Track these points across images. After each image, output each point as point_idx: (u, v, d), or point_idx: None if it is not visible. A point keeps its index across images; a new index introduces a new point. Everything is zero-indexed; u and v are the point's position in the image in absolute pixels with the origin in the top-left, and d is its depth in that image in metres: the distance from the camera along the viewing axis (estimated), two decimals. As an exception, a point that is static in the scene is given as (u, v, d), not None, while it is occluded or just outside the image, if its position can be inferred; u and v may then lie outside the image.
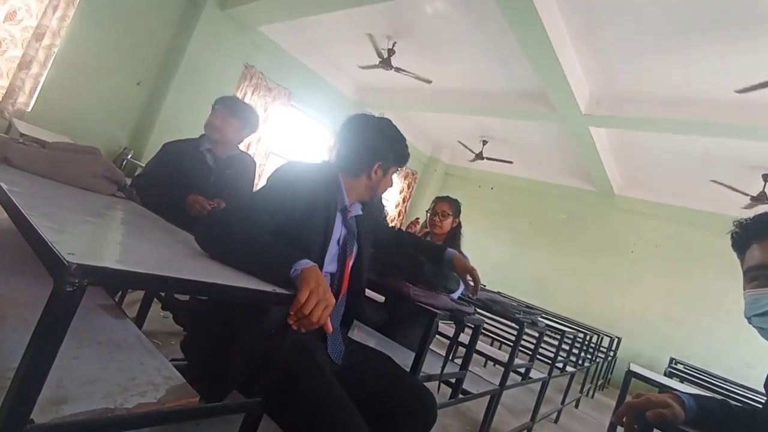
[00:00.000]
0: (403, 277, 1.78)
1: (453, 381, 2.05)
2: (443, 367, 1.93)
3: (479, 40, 4.71)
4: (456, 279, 1.94)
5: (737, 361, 6.06)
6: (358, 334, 1.65)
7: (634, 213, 7.60)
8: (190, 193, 2.15)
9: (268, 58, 5.98)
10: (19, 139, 1.82)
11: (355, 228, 1.51)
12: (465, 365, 2.06)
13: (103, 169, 1.62)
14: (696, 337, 6.55)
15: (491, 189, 9.13)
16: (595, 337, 5.18)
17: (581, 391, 4.81)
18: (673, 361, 4.99)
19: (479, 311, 2.42)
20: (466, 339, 2.27)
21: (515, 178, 8.72)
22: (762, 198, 5.27)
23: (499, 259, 8.27)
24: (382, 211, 3.49)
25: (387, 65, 5.30)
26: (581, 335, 4.40)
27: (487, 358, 2.97)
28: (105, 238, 1.05)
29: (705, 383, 3.19)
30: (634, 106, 4.87)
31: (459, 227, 2.81)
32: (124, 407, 0.80)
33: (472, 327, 2.06)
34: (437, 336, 2.70)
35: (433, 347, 2.20)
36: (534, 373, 2.93)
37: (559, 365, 3.51)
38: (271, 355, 1.05)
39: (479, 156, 7.59)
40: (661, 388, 2.07)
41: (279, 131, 6.46)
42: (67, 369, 0.83)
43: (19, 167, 1.43)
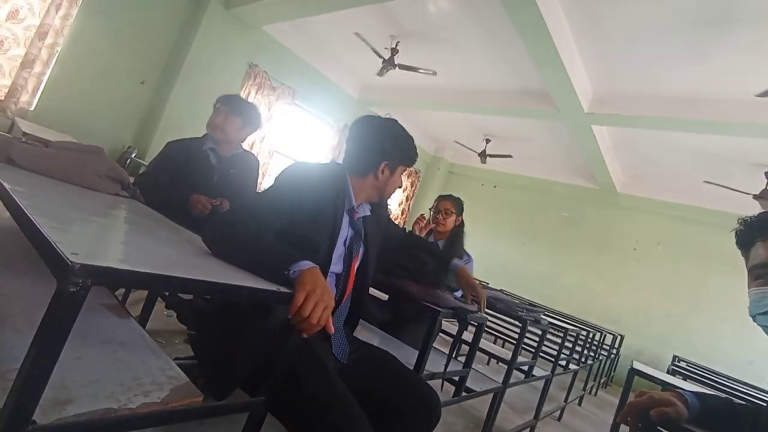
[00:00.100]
0: (406, 276, 1.77)
1: (457, 379, 2.05)
2: (446, 365, 1.92)
3: (483, 39, 4.70)
4: None
5: (740, 358, 6.05)
6: (362, 333, 1.64)
7: (636, 211, 7.58)
8: (194, 192, 2.15)
9: (272, 57, 5.98)
10: (22, 138, 1.82)
11: (362, 229, 1.51)
12: (468, 363, 2.06)
13: (106, 169, 1.62)
14: (699, 335, 6.53)
15: (494, 187, 9.12)
16: (598, 335, 5.17)
17: (584, 388, 4.80)
18: (676, 358, 4.98)
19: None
20: (469, 337, 2.26)
21: (518, 176, 8.71)
22: (765, 195, 5.24)
23: (501, 257, 8.27)
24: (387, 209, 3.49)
25: (390, 64, 5.29)
26: (584, 333, 4.39)
27: (490, 356, 2.96)
28: (108, 238, 1.05)
29: (708, 381, 3.17)
30: (636, 105, 4.85)
31: (462, 225, 2.83)
32: (128, 407, 0.80)
33: (476, 325, 2.06)
34: (441, 334, 2.69)
35: (436, 345, 2.19)
36: (537, 371, 2.94)
37: (562, 363, 3.51)
38: (276, 354, 1.05)
39: (483, 154, 7.58)
40: (664, 385, 2.06)
41: (283, 130, 6.47)
42: (70, 369, 0.83)
43: (22, 166, 1.43)
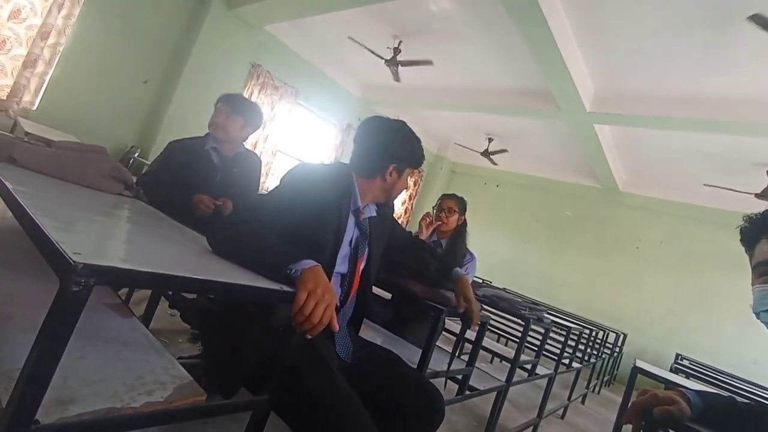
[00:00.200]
0: (409, 276, 1.77)
1: (460, 377, 2.05)
2: (449, 364, 1.92)
3: (485, 38, 4.69)
4: None
5: (743, 357, 6.03)
6: (366, 332, 1.64)
7: (639, 209, 7.56)
8: (196, 191, 2.15)
9: (275, 57, 5.98)
10: (25, 138, 1.82)
11: (368, 230, 1.51)
12: (471, 362, 2.06)
13: (109, 168, 1.62)
14: (702, 333, 6.52)
15: (497, 186, 9.11)
16: (601, 333, 5.16)
17: (587, 387, 4.79)
18: (679, 357, 4.96)
19: (485, 308, 2.42)
20: (472, 336, 2.26)
21: (521, 175, 8.69)
22: (767, 194, 5.22)
23: (504, 256, 8.26)
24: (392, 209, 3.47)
25: (393, 64, 5.29)
26: (587, 331, 4.38)
27: (493, 354, 2.96)
28: (111, 237, 1.05)
29: (711, 379, 3.17)
30: (638, 104, 4.84)
31: (464, 225, 2.82)
32: (131, 406, 0.80)
33: (479, 324, 2.06)
34: (444, 333, 2.69)
35: (439, 344, 2.19)
36: (540, 370, 2.93)
37: (565, 361, 3.50)
38: (279, 353, 1.05)
39: (486, 153, 7.57)
40: (667, 384, 2.06)
41: (286, 130, 6.47)
42: (73, 368, 0.83)
43: (25, 166, 1.43)
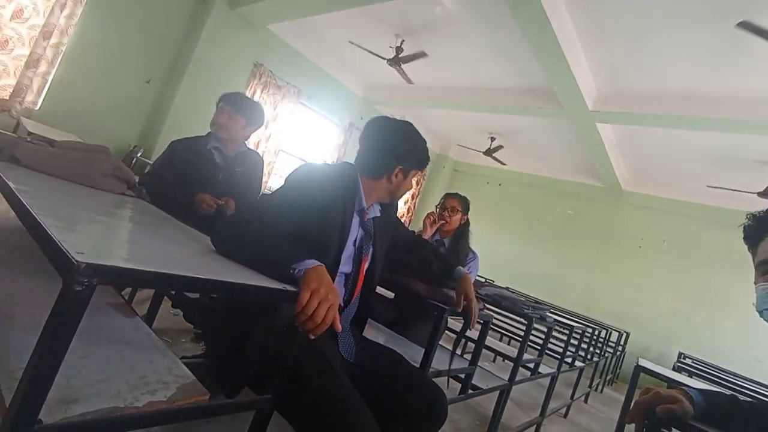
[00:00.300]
0: (410, 275, 1.77)
1: (463, 376, 2.05)
2: (450, 362, 1.92)
3: (487, 37, 4.68)
4: None
5: (746, 355, 6.02)
6: (369, 332, 1.64)
7: (641, 208, 7.55)
8: (199, 191, 2.15)
9: (278, 56, 5.98)
10: (27, 137, 1.82)
11: (372, 230, 1.51)
12: (474, 361, 2.06)
13: (112, 168, 1.62)
14: (704, 332, 6.51)
15: (499, 185, 9.10)
16: (604, 332, 5.15)
17: (590, 385, 4.78)
18: (682, 355, 4.95)
19: (488, 307, 2.41)
20: (475, 335, 2.26)
21: (523, 174, 8.68)
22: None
23: (507, 255, 8.25)
24: (396, 209, 3.48)
25: (396, 63, 5.28)
26: (590, 330, 4.37)
27: (496, 353, 2.96)
28: (114, 237, 1.05)
29: (714, 378, 3.16)
30: (640, 103, 4.83)
31: (467, 224, 2.82)
32: (134, 406, 0.80)
33: (481, 322, 2.05)
34: (447, 332, 2.69)
35: (442, 343, 2.19)
36: (543, 368, 2.93)
37: (568, 360, 3.50)
38: (282, 352, 1.04)
39: (488, 152, 7.57)
40: (669, 382, 2.05)
41: (289, 129, 6.47)
42: (76, 368, 0.82)
43: (28, 166, 1.43)
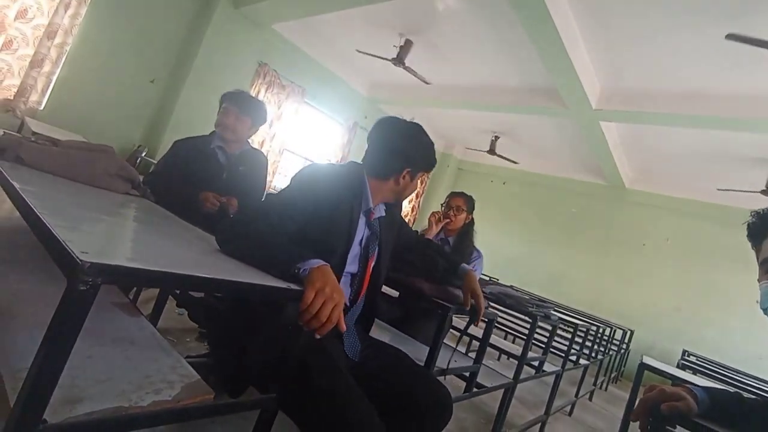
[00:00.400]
0: (414, 274, 1.76)
1: (468, 375, 2.05)
2: (450, 360, 1.91)
3: (491, 36, 4.66)
4: None
5: (750, 352, 6.00)
6: (374, 331, 1.64)
7: (645, 206, 7.52)
8: (203, 190, 2.15)
9: (282, 55, 5.98)
10: (32, 137, 1.82)
11: (378, 229, 1.51)
12: (479, 359, 2.05)
13: (116, 167, 1.62)
14: (708, 329, 6.48)
15: (503, 184, 9.08)
16: (608, 330, 5.14)
17: (595, 383, 4.77)
18: (686, 353, 4.93)
19: (492, 305, 2.41)
20: (479, 333, 2.25)
21: (527, 173, 8.66)
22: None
23: (511, 253, 8.23)
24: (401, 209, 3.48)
25: (400, 62, 5.27)
26: (594, 328, 4.36)
27: (500, 351, 2.95)
28: (119, 236, 1.05)
29: (718, 375, 3.15)
30: (644, 101, 4.81)
31: (472, 223, 2.82)
32: (139, 405, 0.80)
33: (486, 321, 2.05)
34: (451, 330, 2.69)
35: (447, 341, 2.19)
36: (548, 366, 2.93)
37: (573, 358, 3.49)
38: (287, 351, 1.04)
39: (492, 151, 7.55)
40: (674, 380, 2.05)
41: (293, 128, 6.48)
42: (81, 368, 0.83)
43: (32, 166, 1.43)
